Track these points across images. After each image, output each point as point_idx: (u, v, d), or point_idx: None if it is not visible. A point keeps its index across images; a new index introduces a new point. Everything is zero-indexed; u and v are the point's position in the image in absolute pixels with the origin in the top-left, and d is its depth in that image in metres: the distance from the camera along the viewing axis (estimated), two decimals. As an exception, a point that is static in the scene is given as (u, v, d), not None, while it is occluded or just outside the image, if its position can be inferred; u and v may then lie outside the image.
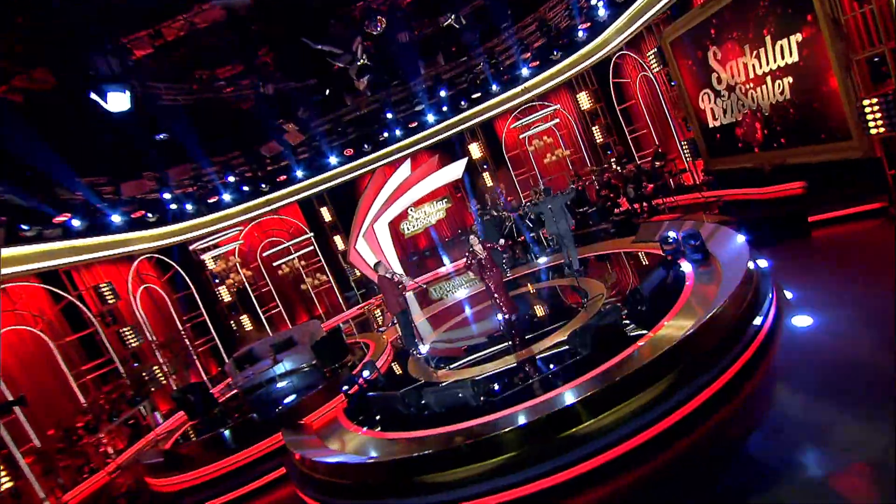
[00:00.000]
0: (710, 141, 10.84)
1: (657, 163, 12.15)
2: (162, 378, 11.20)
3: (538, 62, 14.89)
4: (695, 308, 5.43)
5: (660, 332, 5.22)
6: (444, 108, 15.75)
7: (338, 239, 17.24)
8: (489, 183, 17.02)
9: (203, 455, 7.30)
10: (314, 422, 7.24)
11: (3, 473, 7.53)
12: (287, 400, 8.48)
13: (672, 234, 7.32)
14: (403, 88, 14.66)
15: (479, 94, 15.73)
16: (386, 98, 14.45)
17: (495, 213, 13.56)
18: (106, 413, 9.39)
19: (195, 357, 13.11)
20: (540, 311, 8.55)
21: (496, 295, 7.67)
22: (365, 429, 6.21)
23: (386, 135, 15.91)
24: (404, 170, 16.86)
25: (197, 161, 12.06)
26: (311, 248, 16.65)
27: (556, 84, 15.60)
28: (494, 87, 15.56)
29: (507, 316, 7.54)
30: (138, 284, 12.64)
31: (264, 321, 15.42)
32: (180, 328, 13.13)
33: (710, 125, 10.55)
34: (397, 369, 8.36)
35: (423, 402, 5.79)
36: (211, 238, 14.54)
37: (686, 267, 6.78)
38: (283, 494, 6.30)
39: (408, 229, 17.97)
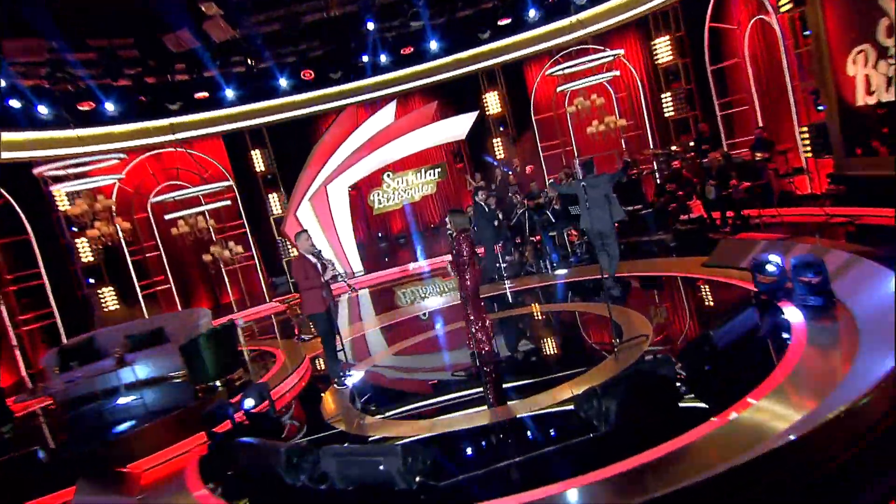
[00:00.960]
0: (853, 128, 10.29)
1: (758, 154, 11.81)
2: None
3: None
4: (806, 386, 4.92)
5: (739, 415, 4.66)
6: (456, 35, 15.59)
7: (273, 198, 17.06)
8: (501, 155, 17.06)
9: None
10: (147, 472, 6.65)
11: None
12: (120, 427, 8.10)
13: (774, 259, 6.97)
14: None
15: (508, 21, 15.53)
16: (368, 1, 13.62)
17: (508, 198, 13.37)
18: None
19: (13, 339, 12.53)
20: (547, 346, 8.49)
21: (468, 308, 7.34)
22: (220, 499, 5.60)
23: (365, 59, 15.73)
24: (386, 114, 16.66)
25: (56, 40, 10.88)
26: (231, 203, 16.38)
27: (624, 21, 15.30)
28: (532, 13, 15.36)
29: (479, 349, 7.30)
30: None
31: (142, 301, 15.05)
32: (-5, 291, 12.62)
33: (859, 103, 10.01)
34: (307, 403, 8.13)
35: (319, 468, 5.17)
36: (73, 163, 13.75)
37: (793, 315, 6.37)
38: None
39: (379, 202, 17.92)
